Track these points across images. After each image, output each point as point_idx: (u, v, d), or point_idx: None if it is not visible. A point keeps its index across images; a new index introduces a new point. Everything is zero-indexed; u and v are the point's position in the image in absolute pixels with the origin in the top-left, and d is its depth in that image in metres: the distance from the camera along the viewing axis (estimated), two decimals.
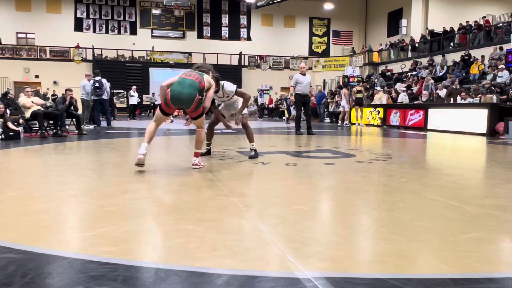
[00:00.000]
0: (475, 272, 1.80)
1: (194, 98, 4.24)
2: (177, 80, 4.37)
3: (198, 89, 4.29)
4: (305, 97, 10.10)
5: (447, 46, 21.61)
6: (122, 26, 27.92)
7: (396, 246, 2.10)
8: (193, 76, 4.38)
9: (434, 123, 12.44)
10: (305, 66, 10.99)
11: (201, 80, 4.36)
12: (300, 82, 9.90)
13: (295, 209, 2.86)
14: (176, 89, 4.26)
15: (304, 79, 9.96)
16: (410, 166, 5.12)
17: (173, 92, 4.25)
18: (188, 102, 4.26)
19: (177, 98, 4.26)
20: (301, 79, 9.93)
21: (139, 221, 2.56)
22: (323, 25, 30.94)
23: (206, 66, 4.80)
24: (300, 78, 9.95)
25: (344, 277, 1.71)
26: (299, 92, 9.96)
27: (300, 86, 9.91)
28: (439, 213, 2.86)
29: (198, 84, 4.31)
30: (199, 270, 1.77)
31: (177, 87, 4.27)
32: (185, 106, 4.33)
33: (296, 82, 9.94)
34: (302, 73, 10.12)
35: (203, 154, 5.45)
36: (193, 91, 4.26)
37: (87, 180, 4.01)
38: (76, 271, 1.77)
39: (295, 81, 9.96)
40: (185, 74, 4.45)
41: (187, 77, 4.37)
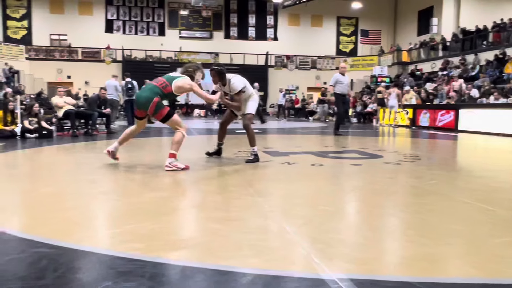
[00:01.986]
0: (506, 277, 1.74)
1: (151, 101, 4.37)
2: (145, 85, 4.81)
3: (159, 93, 4.44)
4: (344, 97, 9.96)
5: (480, 45, 20.95)
6: (151, 27, 28.38)
7: (424, 249, 2.06)
8: (159, 81, 4.55)
9: (465, 124, 12.09)
10: (346, 65, 10.71)
11: (167, 85, 4.49)
12: (340, 82, 9.74)
13: (321, 210, 2.85)
14: (137, 93, 4.75)
15: (344, 79, 9.78)
16: (439, 167, 5.00)
17: (137, 98, 4.70)
18: (144, 105, 4.43)
19: (136, 102, 4.64)
20: (341, 79, 9.74)
21: (165, 219, 2.60)
22: (350, 24, 30.56)
23: (192, 66, 4.87)
24: (340, 78, 9.78)
25: (370, 279, 1.69)
26: (339, 92, 9.81)
27: (340, 86, 9.77)
28: (469, 216, 2.78)
29: (160, 88, 4.47)
30: (224, 268, 1.79)
31: (138, 92, 4.69)
32: (143, 109, 4.49)
33: (336, 81, 9.79)
34: (341, 72, 9.95)
35: (213, 154, 5.48)
36: (150, 95, 4.43)
37: (116, 178, 4.10)
38: (105, 267, 1.82)
39: (335, 80, 9.80)
40: (154, 80, 4.66)
41: (152, 82, 4.62)
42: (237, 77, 5.22)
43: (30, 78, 23.97)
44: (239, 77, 5.27)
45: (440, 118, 13.26)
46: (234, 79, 5.14)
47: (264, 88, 27.90)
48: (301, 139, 9.52)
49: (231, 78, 5.13)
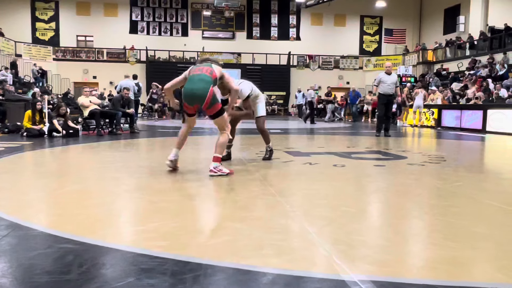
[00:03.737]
0: None
1: (207, 92, 3.98)
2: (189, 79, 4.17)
3: (211, 81, 4.06)
4: (390, 97, 9.76)
5: (509, 43, 20.35)
6: (174, 28, 28.70)
7: (449, 252, 2.02)
8: (203, 69, 4.14)
9: (493, 124, 11.77)
10: (391, 64, 10.44)
11: (212, 71, 4.13)
12: (384, 82, 9.55)
13: (343, 211, 2.82)
14: (187, 87, 4.07)
15: (388, 79, 9.54)
16: (465, 169, 4.89)
17: (185, 91, 4.08)
18: (201, 97, 3.99)
19: (190, 96, 4.05)
20: (385, 79, 9.54)
21: (188, 217, 2.63)
22: (374, 24, 30.17)
23: (211, 58, 4.52)
24: (384, 77, 9.56)
25: (392, 282, 1.67)
26: (382, 92, 9.63)
27: (384, 86, 9.60)
28: (497, 220, 2.71)
29: (210, 76, 4.08)
30: (245, 267, 1.79)
31: (188, 85, 4.09)
32: (198, 102, 4.06)
33: (380, 81, 9.62)
34: (387, 72, 9.75)
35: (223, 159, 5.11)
36: (205, 85, 4.01)
37: (140, 176, 4.16)
38: (128, 263, 1.85)
39: (379, 80, 9.63)
40: (194, 70, 4.20)
41: (197, 73, 4.14)
42: (244, 83, 5.06)
43: (57, 78, 24.59)
44: (245, 82, 5.13)
45: (467, 118, 12.95)
46: (241, 86, 4.93)
47: (286, 88, 27.83)
48: (323, 140, 9.45)
49: (240, 83, 4.94)
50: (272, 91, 26.67)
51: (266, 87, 25.57)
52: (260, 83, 26.65)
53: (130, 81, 12.69)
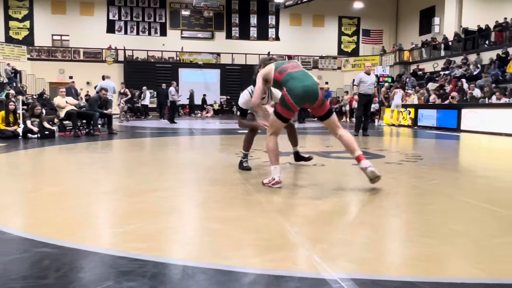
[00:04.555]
0: (509, 278, 1.74)
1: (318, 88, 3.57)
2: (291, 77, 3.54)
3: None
4: (369, 97, 9.86)
5: (482, 45, 20.91)
6: (152, 27, 28.42)
7: (427, 249, 2.05)
8: (297, 65, 3.71)
9: (467, 124, 12.07)
10: (371, 65, 10.58)
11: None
12: (364, 82, 9.68)
13: (323, 210, 2.84)
14: (297, 84, 3.47)
15: (368, 79, 9.67)
16: (441, 167, 4.99)
17: (297, 89, 3.46)
18: (316, 93, 3.52)
19: (305, 93, 3.49)
20: (365, 78, 9.65)
21: (167, 218, 2.60)
22: (352, 24, 30.54)
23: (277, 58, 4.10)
24: (364, 77, 9.68)
25: (372, 279, 1.69)
26: (363, 92, 9.75)
27: (364, 86, 9.72)
28: (472, 216, 2.77)
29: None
30: (226, 268, 1.79)
31: (296, 83, 3.49)
32: (312, 100, 3.52)
33: (360, 81, 9.74)
34: (367, 72, 9.87)
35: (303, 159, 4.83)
36: (314, 80, 3.59)
37: (118, 178, 4.11)
38: (107, 266, 1.82)
39: (359, 80, 9.75)
40: (287, 68, 3.62)
41: (296, 70, 3.63)
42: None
43: (32, 78, 24.03)
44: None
45: (442, 118, 13.24)
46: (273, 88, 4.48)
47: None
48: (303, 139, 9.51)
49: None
50: None
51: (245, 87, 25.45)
52: (240, 83, 26.67)
53: (111, 82, 12.60)
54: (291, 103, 3.48)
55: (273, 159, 3.62)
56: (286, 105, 3.51)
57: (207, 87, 27.07)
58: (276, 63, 3.74)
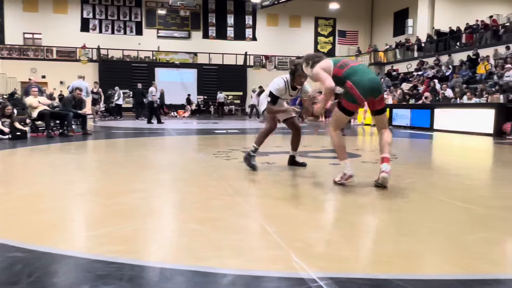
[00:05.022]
0: (482, 273, 1.78)
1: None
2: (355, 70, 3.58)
3: None
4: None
5: (454, 46, 21.46)
6: (128, 26, 28.01)
7: (402, 246, 2.09)
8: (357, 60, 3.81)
9: (440, 123, 12.36)
10: None
11: None
12: None
13: (301, 209, 2.86)
14: (363, 78, 3.50)
15: None
16: (416, 166, 5.10)
17: (363, 83, 3.48)
18: (381, 86, 3.63)
19: (372, 86, 3.53)
20: None
21: (144, 220, 2.56)
22: (328, 25, 30.86)
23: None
24: None
25: (349, 277, 1.71)
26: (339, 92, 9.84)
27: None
28: (446, 214, 2.84)
29: None
30: (204, 269, 1.77)
31: (362, 76, 3.52)
32: (377, 93, 3.56)
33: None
34: None
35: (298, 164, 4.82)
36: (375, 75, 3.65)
37: (93, 179, 4.03)
38: (82, 270, 1.78)
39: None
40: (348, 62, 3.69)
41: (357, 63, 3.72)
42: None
43: (3, 78, 23.33)
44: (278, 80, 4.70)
45: (416, 117, 13.52)
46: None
47: (243, 88, 27.87)
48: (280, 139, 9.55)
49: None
50: (229, 91, 26.63)
51: (222, 87, 25.52)
52: (217, 83, 26.59)
53: (84, 82, 12.37)
54: (358, 96, 3.48)
55: (343, 155, 3.66)
56: (352, 98, 3.51)
57: (184, 87, 26.87)
58: (333, 59, 3.75)
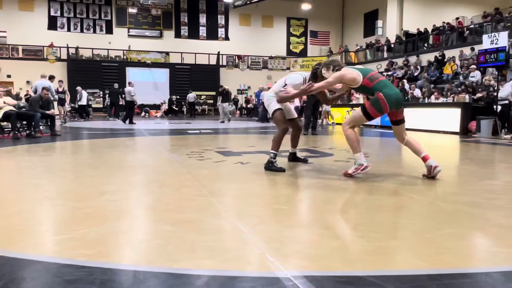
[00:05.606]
0: (451, 267, 1.84)
1: None
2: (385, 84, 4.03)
3: None
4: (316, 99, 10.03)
5: (422, 47, 22.05)
6: (97, 25, 27.44)
7: (375, 243, 2.13)
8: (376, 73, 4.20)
9: (409, 122, 12.61)
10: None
11: None
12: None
13: (275, 209, 2.87)
14: (393, 92, 3.97)
15: None
16: (387, 164, 5.20)
17: (395, 96, 3.95)
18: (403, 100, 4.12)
19: (400, 99, 4.03)
20: None
21: (116, 223, 2.52)
22: (300, 25, 31.12)
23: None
24: None
25: (324, 275, 1.73)
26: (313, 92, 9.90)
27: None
28: (416, 211, 2.91)
29: None
30: (178, 271, 1.75)
31: (391, 90, 3.98)
32: (400, 106, 4.04)
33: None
34: None
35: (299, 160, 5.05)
36: None
37: (62, 182, 3.92)
38: (51, 276, 1.73)
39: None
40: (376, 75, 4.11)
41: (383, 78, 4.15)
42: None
43: None
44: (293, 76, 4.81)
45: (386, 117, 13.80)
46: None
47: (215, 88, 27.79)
48: (254, 139, 9.57)
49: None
50: (201, 91, 26.50)
51: (195, 87, 25.36)
52: (189, 83, 26.40)
53: (47, 81, 12.02)
54: (386, 107, 3.91)
55: (357, 147, 3.98)
56: (380, 107, 3.92)
57: (156, 86, 26.55)
58: (361, 70, 4.10)
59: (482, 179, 4.16)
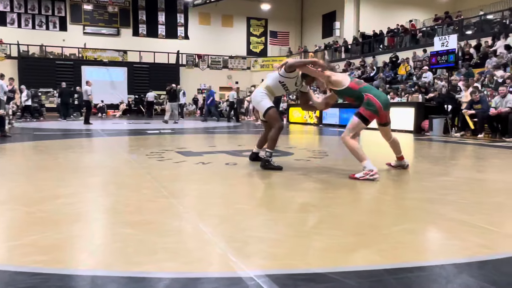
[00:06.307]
0: (407, 261, 1.90)
1: None
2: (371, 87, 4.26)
3: None
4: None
5: (377, 48, 22.74)
6: (50, 21, 26.39)
7: (335, 240, 2.17)
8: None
9: None
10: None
11: None
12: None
13: (237, 208, 2.87)
14: (382, 95, 4.23)
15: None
16: (345, 163, 5.32)
17: (385, 98, 4.21)
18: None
19: (388, 103, 4.23)
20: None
21: (73, 227, 2.43)
22: (260, 26, 31.29)
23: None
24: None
25: (286, 274, 1.74)
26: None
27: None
28: (374, 207, 3.00)
29: None
30: (139, 275, 1.72)
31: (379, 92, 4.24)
32: (388, 108, 4.22)
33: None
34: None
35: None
36: None
37: (13, 185, 3.74)
38: (4, 284, 1.65)
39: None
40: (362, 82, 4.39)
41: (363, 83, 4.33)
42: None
43: None
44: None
45: (344, 116, 14.13)
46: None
47: None
48: (215, 139, 9.52)
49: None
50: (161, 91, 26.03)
51: (154, 86, 24.90)
52: (148, 82, 25.91)
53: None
54: (380, 106, 4.00)
55: (362, 155, 3.98)
56: (374, 108, 4.00)
57: (113, 86, 25.86)
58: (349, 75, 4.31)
59: (435, 175, 4.35)
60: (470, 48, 15.92)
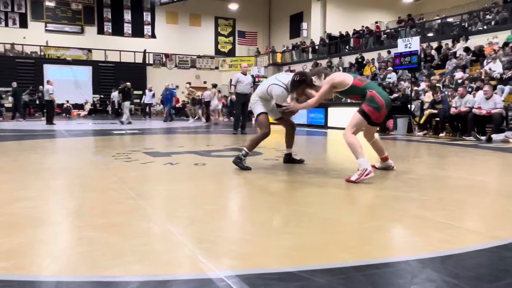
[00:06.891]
0: (374, 258, 1.94)
1: None
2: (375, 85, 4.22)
3: None
4: (246, 97, 10.02)
5: (343, 49, 23.16)
6: (10, 17, 25.40)
7: (304, 239, 2.19)
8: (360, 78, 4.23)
9: (333, 121, 13.24)
10: (247, 65, 10.94)
11: None
12: (241, 81, 9.94)
13: (206, 209, 2.85)
14: (384, 93, 4.13)
15: (245, 79, 10.02)
16: (313, 162, 5.39)
17: (388, 97, 4.14)
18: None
19: (390, 102, 4.18)
20: (242, 78, 9.98)
21: (35, 231, 2.34)
22: (228, 25, 31.23)
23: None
24: (241, 77, 9.99)
25: (256, 274, 1.74)
26: (240, 92, 9.99)
27: (241, 86, 9.94)
28: (341, 205, 3.05)
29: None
30: (106, 279, 1.67)
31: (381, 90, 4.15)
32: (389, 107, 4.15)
33: (237, 81, 9.97)
34: (243, 72, 10.16)
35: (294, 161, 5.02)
36: None
37: None
38: None
39: (236, 80, 10.00)
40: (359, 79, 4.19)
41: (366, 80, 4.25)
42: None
43: None
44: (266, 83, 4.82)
45: (312, 116, 14.31)
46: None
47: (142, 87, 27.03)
48: (183, 139, 9.43)
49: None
50: None
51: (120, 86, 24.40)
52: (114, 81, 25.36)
53: None
54: (383, 104, 3.96)
55: (360, 152, 3.84)
56: (378, 105, 3.95)
57: (77, 85, 25.16)
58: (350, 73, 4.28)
59: (400, 173, 4.46)
60: (432, 50, 16.47)
